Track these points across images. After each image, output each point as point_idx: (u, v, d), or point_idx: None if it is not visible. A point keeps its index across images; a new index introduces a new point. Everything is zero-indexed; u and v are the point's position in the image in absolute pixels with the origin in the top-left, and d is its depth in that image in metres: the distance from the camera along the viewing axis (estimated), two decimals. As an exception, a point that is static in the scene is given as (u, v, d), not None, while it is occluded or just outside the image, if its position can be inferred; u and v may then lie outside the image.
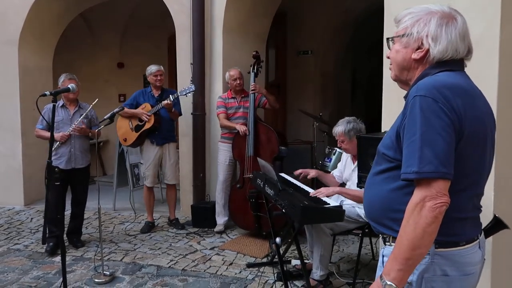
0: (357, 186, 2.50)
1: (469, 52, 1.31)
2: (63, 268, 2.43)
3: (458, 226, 1.28)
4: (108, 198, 5.49)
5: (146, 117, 4.27)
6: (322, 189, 2.80)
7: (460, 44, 1.28)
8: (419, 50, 1.29)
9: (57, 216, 3.90)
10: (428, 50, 1.28)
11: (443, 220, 1.19)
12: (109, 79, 7.45)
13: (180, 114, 4.60)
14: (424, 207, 1.15)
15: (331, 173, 3.56)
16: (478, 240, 1.33)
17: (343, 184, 3.54)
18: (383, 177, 1.36)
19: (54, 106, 2.31)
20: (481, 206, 1.37)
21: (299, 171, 3.28)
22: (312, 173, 3.26)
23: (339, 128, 3.13)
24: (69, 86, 2.51)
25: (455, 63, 1.30)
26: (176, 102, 4.43)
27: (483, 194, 1.36)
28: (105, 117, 3.35)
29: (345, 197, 2.92)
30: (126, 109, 4.38)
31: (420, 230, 1.15)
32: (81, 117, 3.70)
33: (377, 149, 1.41)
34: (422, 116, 1.17)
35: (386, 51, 1.48)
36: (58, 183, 2.38)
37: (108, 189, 5.83)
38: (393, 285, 1.18)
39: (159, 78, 4.41)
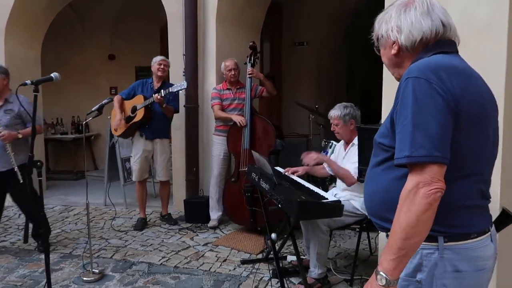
0: (358, 180, 2.39)
1: (444, 26, 1.26)
2: (47, 268, 2.30)
3: (466, 216, 1.21)
4: (99, 193, 5.36)
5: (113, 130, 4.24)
6: (313, 154, 2.97)
7: (425, 22, 1.25)
8: (394, 44, 1.30)
9: None
10: (398, 42, 1.28)
11: (448, 210, 1.15)
12: (100, 71, 7.27)
13: (176, 111, 4.37)
14: (418, 193, 1.09)
15: (322, 164, 3.45)
16: (489, 233, 1.26)
17: (333, 177, 3.47)
18: (382, 168, 1.29)
19: (35, 96, 2.17)
20: (489, 196, 1.29)
21: (287, 170, 3.18)
22: (299, 171, 3.17)
23: (335, 111, 3.11)
24: (52, 75, 2.36)
25: (446, 45, 1.26)
26: (173, 98, 4.25)
27: (490, 182, 1.28)
28: (93, 109, 3.20)
29: (329, 166, 3.05)
30: (115, 103, 4.26)
31: (413, 218, 1.08)
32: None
33: (374, 139, 1.35)
34: (414, 98, 1.12)
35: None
36: (42, 177, 2.23)
37: (99, 183, 5.69)
38: (384, 275, 1.12)
39: (162, 67, 4.27)
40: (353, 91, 8.56)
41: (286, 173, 3.15)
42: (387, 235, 1.29)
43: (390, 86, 2.53)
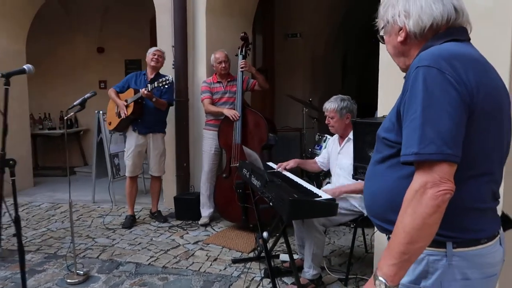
0: (353, 178, 2.26)
1: (456, 11, 1.15)
2: (22, 275, 2.17)
3: (477, 219, 1.12)
4: (89, 189, 5.21)
5: (123, 114, 4.02)
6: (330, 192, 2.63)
7: (436, 6, 1.14)
8: (401, 31, 1.20)
9: None
10: (405, 28, 1.18)
11: (457, 212, 1.07)
12: (88, 64, 7.07)
13: (170, 104, 4.24)
14: (425, 194, 0.99)
15: (314, 159, 3.33)
16: (499, 236, 1.18)
17: (327, 173, 3.35)
18: (385, 166, 1.19)
19: (7, 90, 2.01)
20: (499, 196, 1.19)
21: (278, 166, 3.06)
22: (290, 163, 3.07)
23: (332, 104, 2.95)
24: (24, 67, 2.19)
25: (459, 32, 1.16)
26: (166, 91, 4.10)
27: (500, 182, 1.18)
28: (74, 103, 3.03)
29: (353, 195, 2.77)
30: (112, 94, 4.15)
31: (419, 221, 1.00)
32: None
33: (377, 134, 1.24)
34: (425, 89, 1.02)
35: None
36: (14, 177, 2.09)
37: (89, 180, 5.54)
38: (383, 280, 1.03)
39: (155, 57, 4.14)
40: (348, 83, 8.44)
41: (279, 169, 3.03)
42: (389, 238, 1.20)
43: (386, 77, 2.40)
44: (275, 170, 3.11)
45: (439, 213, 1.00)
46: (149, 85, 3.93)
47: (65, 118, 3.00)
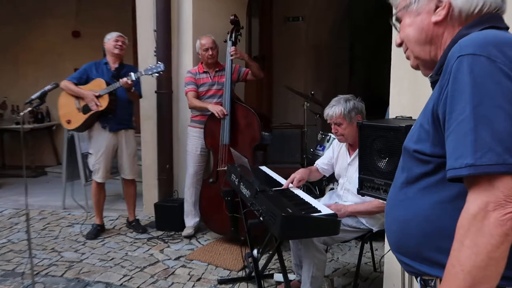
0: (358, 193, 2.04)
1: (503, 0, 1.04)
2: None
3: None
4: (59, 193, 4.99)
5: (95, 106, 3.77)
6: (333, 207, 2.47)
7: None
8: (439, 9, 1.03)
9: None
10: (450, 4, 1.01)
11: None
12: (62, 51, 6.83)
13: (140, 96, 4.11)
14: (487, 219, 0.84)
15: (315, 164, 3.08)
16: None
17: (330, 178, 3.11)
18: (418, 187, 1.03)
19: None
20: None
21: (287, 183, 2.70)
22: (302, 179, 2.73)
23: (337, 108, 2.63)
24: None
25: (498, 19, 1.03)
26: (137, 82, 3.95)
27: None
28: (32, 97, 2.81)
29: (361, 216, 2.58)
30: (71, 86, 3.86)
31: (482, 256, 0.84)
32: None
33: (403, 147, 1.09)
34: (473, 82, 0.87)
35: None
36: None
37: (61, 181, 5.32)
38: None
39: (119, 44, 3.95)
40: (356, 75, 8.23)
41: (290, 186, 2.72)
42: (423, 280, 1.04)
43: (400, 70, 2.19)
44: (269, 175, 2.89)
45: (507, 243, 0.84)
46: (132, 74, 3.74)
47: (21, 114, 2.78)
